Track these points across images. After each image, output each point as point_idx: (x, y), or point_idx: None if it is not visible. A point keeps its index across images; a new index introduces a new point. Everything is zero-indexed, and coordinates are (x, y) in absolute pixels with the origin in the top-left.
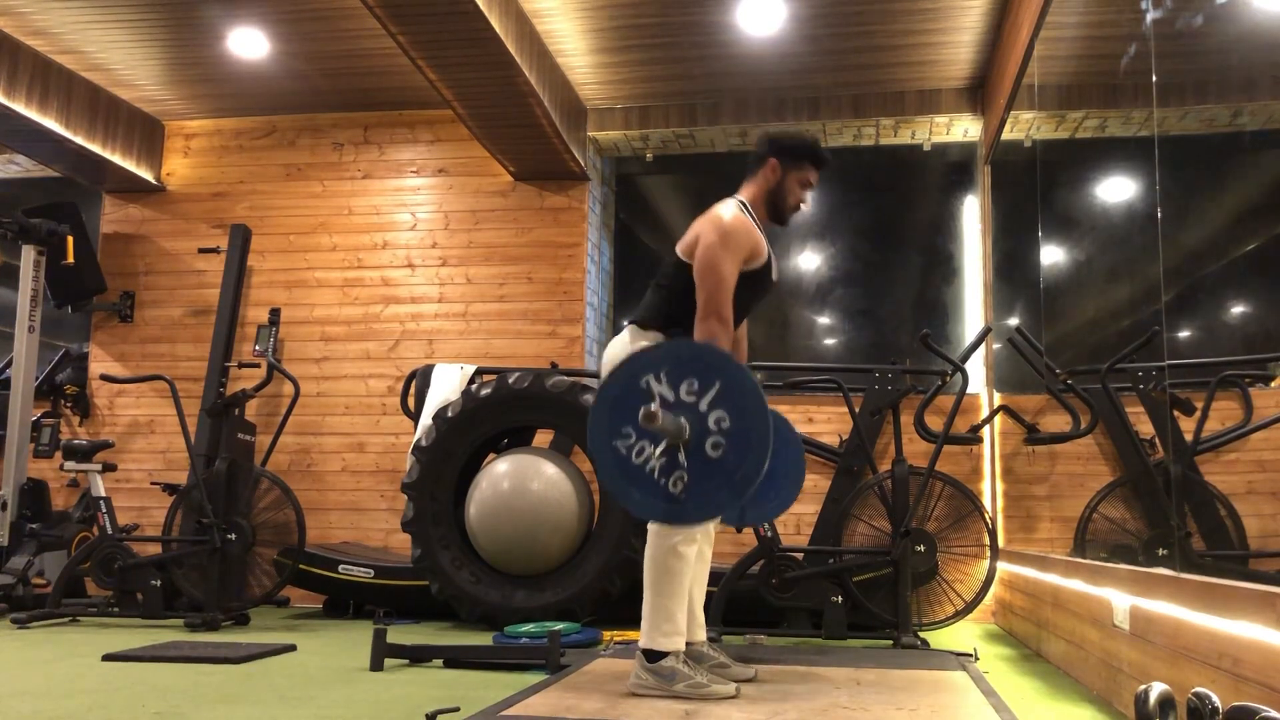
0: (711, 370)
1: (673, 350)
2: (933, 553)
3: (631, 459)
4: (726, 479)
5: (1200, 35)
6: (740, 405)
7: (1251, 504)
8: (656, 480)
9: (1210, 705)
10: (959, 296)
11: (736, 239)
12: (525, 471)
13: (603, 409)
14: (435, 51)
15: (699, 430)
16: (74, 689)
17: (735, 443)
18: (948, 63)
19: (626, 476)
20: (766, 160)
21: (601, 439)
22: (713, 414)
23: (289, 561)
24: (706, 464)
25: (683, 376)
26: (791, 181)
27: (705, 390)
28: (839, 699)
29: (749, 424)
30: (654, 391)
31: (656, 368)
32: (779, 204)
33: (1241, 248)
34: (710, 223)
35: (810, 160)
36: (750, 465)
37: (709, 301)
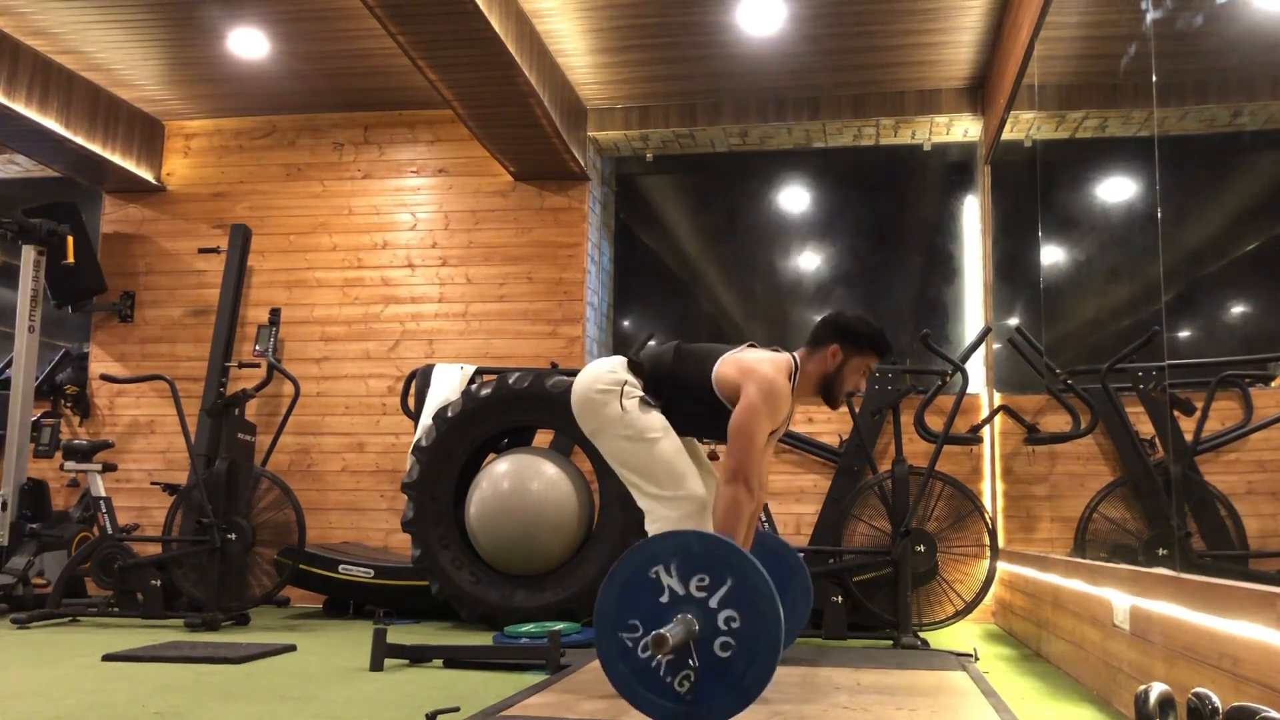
0: (723, 568)
1: (684, 542)
2: (933, 553)
3: (638, 653)
4: (736, 680)
5: (1200, 35)
6: (751, 606)
7: (1251, 504)
8: (662, 678)
9: (1210, 705)
10: (959, 296)
11: (776, 407)
12: (525, 471)
13: (610, 598)
14: (435, 51)
15: (708, 629)
16: (74, 689)
17: (744, 645)
18: (948, 63)
19: (633, 674)
20: (831, 342)
21: (608, 632)
22: (723, 613)
23: (289, 561)
24: (715, 664)
25: (693, 571)
26: (851, 369)
27: (716, 587)
28: (839, 699)
29: (759, 626)
30: (663, 583)
31: (667, 560)
32: (833, 389)
33: (1241, 248)
34: (760, 383)
35: (874, 350)
36: (758, 670)
37: (739, 467)
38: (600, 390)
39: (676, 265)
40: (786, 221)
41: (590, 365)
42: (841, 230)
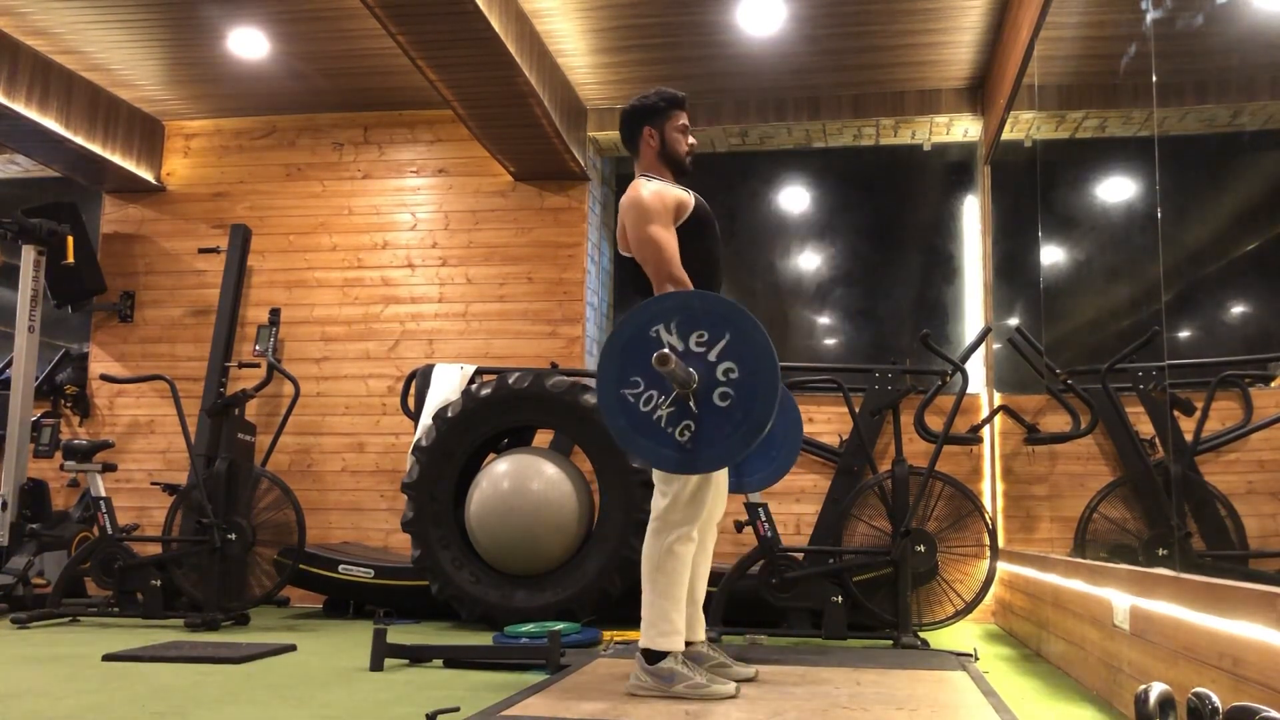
0: (722, 321)
1: (684, 300)
2: (933, 553)
3: (639, 407)
4: (734, 429)
5: (1200, 35)
6: (749, 357)
7: (1251, 504)
8: (664, 429)
9: (1210, 705)
10: (959, 296)
11: (655, 204)
12: (525, 471)
13: (611, 357)
14: (435, 51)
15: (707, 380)
16: (74, 689)
17: (743, 393)
18: (948, 63)
19: (634, 425)
20: (639, 131)
21: (610, 387)
22: (721, 365)
23: (289, 561)
24: (714, 413)
25: (693, 327)
26: (671, 134)
27: (715, 341)
28: (839, 699)
29: (757, 375)
30: (664, 340)
31: (667, 317)
32: (674, 159)
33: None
34: (626, 208)
35: (671, 106)
36: (757, 415)
37: (657, 269)
38: None
39: None
40: (786, 221)
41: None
42: (841, 230)
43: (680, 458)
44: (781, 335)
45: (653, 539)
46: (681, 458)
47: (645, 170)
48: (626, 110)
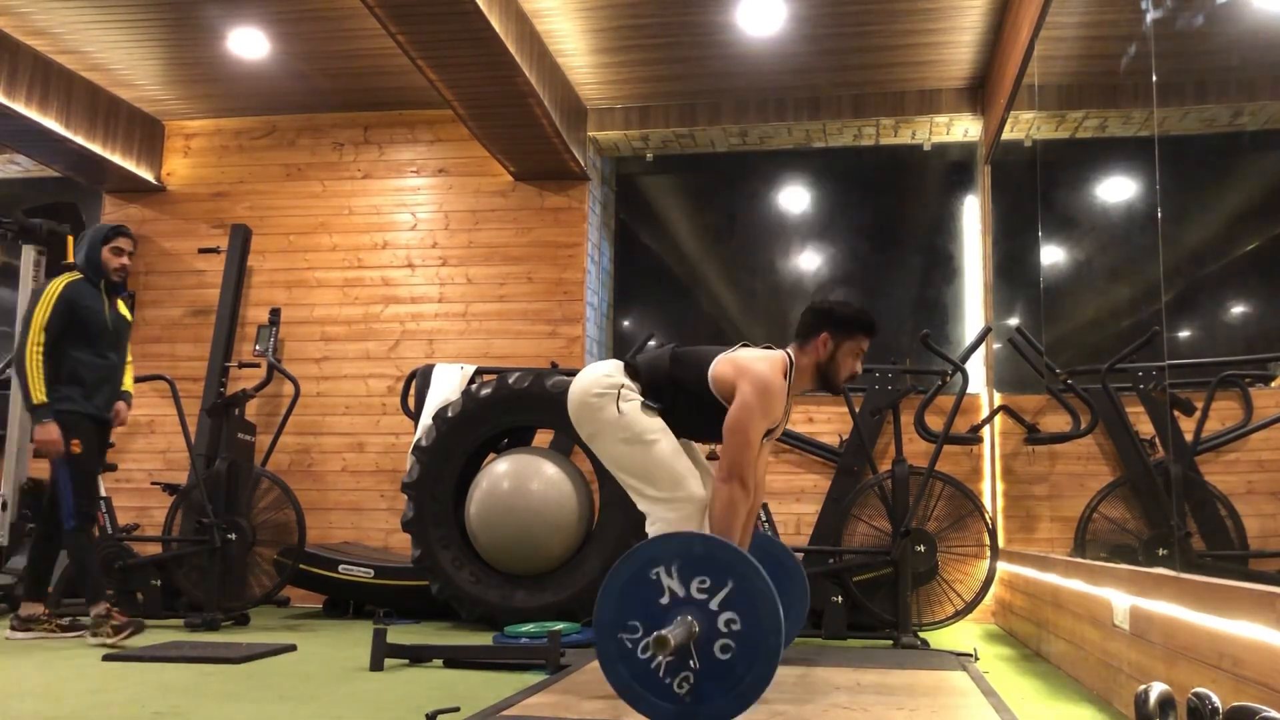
0: (724, 569)
1: (685, 544)
2: (933, 553)
3: (637, 654)
4: (735, 683)
5: (1200, 35)
6: (751, 609)
7: (1251, 504)
8: (662, 679)
9: (1210, 705)
10: (959, 296)
11: (771, 405)
12: (525, 471)
13: (610, 599)
14: (435, 51)
15: (708, 630)
16: (74, 689)
17: (744, 648)
18: (948, 63)
19: (632, 675)
20: (820, 331)
21: (608, 634)
22: (723, 615)
23: (289, 561)
24: (714, 665)
25: (694, 573)
26: (844, 354)
27: (717, 590)
28: (839, 699)
29: (760, 630)
30: (664, 584)
31: (668, 561)
32: (830, 376)
33: (1241, 248)
34: (755, 382)
35: (862, 331)
36: (758, 673)
37: (734, 465)
38: (597, 394)
39: (676, 265)
40: (786, 221)
41: (586, 369)
42: (841, 230)
43: (676, 711)
44: (782, 335)
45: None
46: (679, 711)
47: (796, 358)
48: (821, 308)
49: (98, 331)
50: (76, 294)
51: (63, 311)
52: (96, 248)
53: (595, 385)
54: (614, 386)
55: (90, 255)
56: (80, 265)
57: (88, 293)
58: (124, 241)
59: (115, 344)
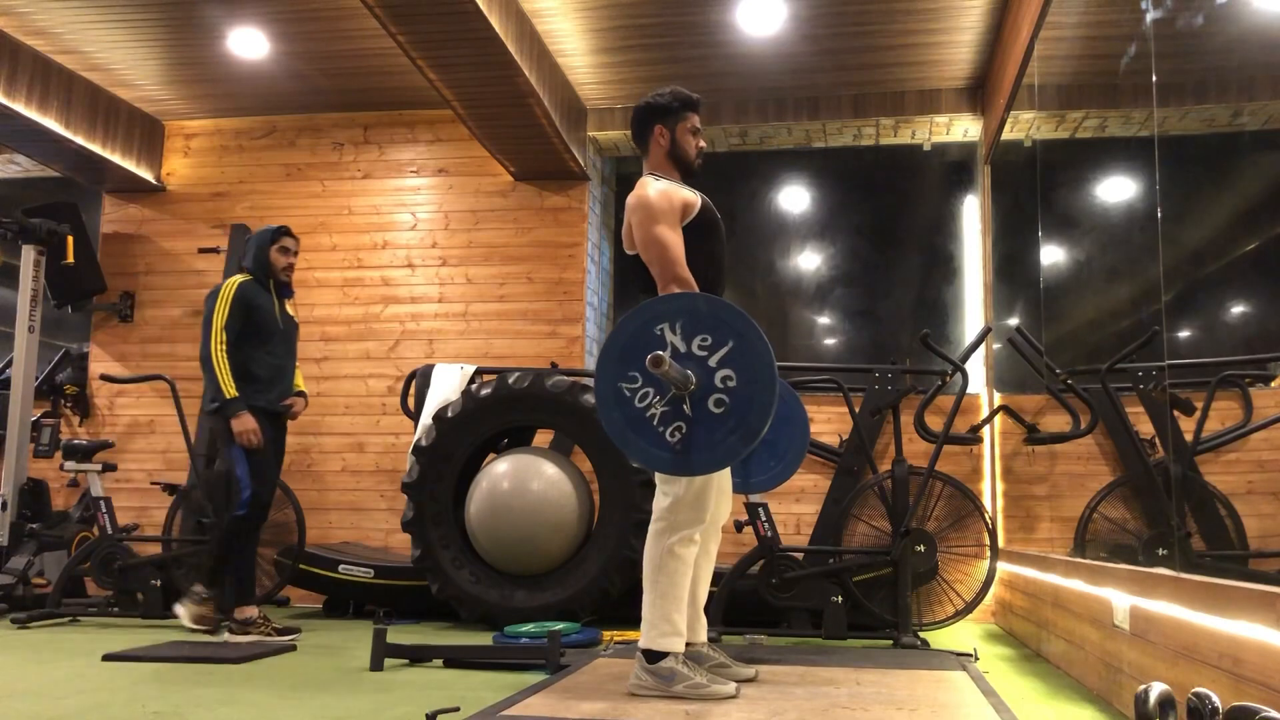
0: (726, 328)
1: (691, 302)
2: (933, 553)
3: (635, 402)
4: (726, 435)
5: (1200, 35)
6: (749, 368)
7: (1251, 504)
8: (656, 427)
9: (1210, 705)
10: (959, 296)
11: (662, 204)
12: (525, 471)
13: (613, 350)
14: (435, 51)
15: (705, 385)
16: (74, 689)
17: (738, 403)
18: (948, 63)
19: (627, 420)
20: (650, 129)
21: (608, 380)
22: (721, 371)
23: (289, 561)
24: (708, 419)
25: (697, 330)
26: (681, 135)
27: (717, 347)
28: (839, 699)
29: (755, 388)
30: (667, 340)
31: (672, 318)
32: (683, 160)
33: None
34: (633, 207)
35: (684, 107)
36: (751, 425)
37: (662, 270)
38: None
39: None
40: (786, 221)
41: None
42: (841, 230)
43: (664, 458)
44: (781, 335)
45: (654, 540)
46: (665, 458)
47: (653, 169)
48: (639, 107)
49: (270, 331)
50: (249, 294)
51: (238, 312)
52: (265, 249)
53: None
54: None
55: (259, 256)
56: (249, 266)
57: (258, 293)
58: (290, 241)
59: (285, 342)
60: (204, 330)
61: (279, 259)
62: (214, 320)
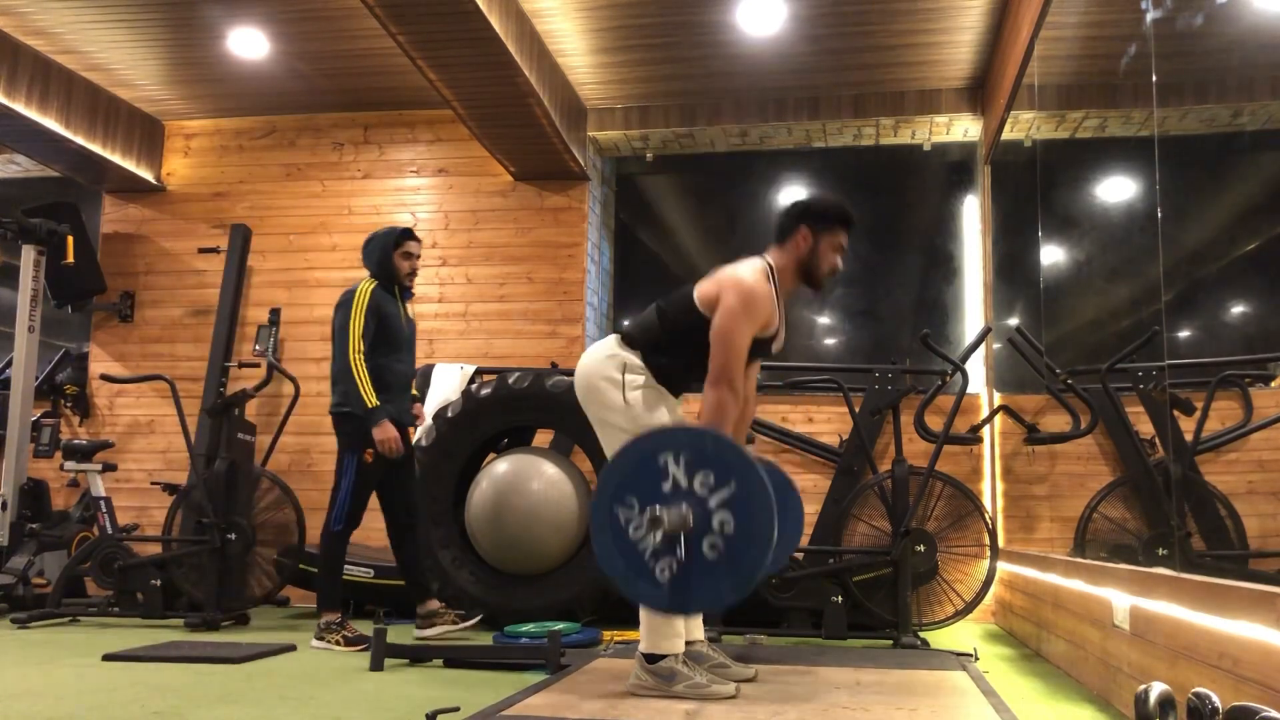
0: (730, 470)
1: (698, 438)
2: (933, 553)
3: (629, 531)
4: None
5: (1200, 35)
6: (747, 515)
7: (1251, 504)
8: (646, 561)
9: (1210, 705)
10: (959, 296)
11: (756, 308)
12: (525, 471)
13: (614, 473)
14: (435, 51)
15: (701, 526)
16: (74, 689)
17: (732, 550)
18: (948, 63)
19: (618, 548)
20: (797, 228)
21: (604, 502)
22: (719, 515)
23: (289, 561)
24: (699, 562)
25: (701, 467)
26: (824, 247)
27: (718, 488)
28: (839, 699)
29: (751, 537)
30: (669, 471)
31: (677, 449)
32: (813, 271)
33: (1241, 247)
34: (735, 287)
35: (840, 223)
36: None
37: (723, 369)
38: (605, 377)
39: (676, 265)
40: None
41: (589, 350)
42: None
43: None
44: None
45: None
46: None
47: (776, 262)
48: (798, 203)
49: (399, 338)
50: (379, 301)
51: (372, 319)
52: (389, 253)
53: (601, 369)
54: (619, 367)
55: (383, 261)
56: (374, 272)
57: (387, 299)
58: (413, 245)
59: (410, 348)
60: (339, 339)
61: (402, 264)
62: (350, 329)
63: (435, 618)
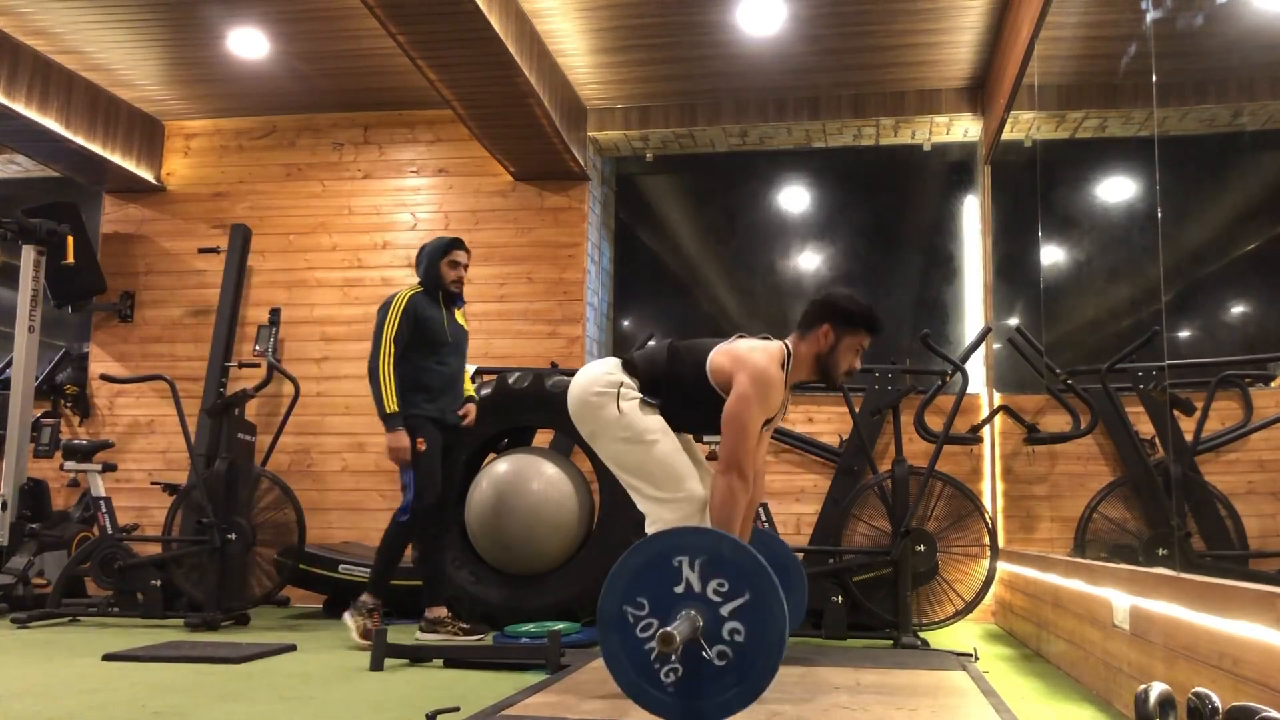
0: (745, 580)
1: (717, 543)
2: (933, 553)
3: (636, 632)
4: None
5: (1200, 35)
6: (759, 625)
7: (1251, 504)
8: (652, 663)
9: (1210, 705)
10: (959, 296)
11: (769, 396)
12: (525, 471)
13: (626, 571)
14: (435, 51)
15: (711, 633)
16: (74, 689)
17: (741, 661)
18: (948, 63)
19: (624, 646)
20: (821, 324)
21: (614, 600)
22: (730, 623)
23: (289, 561)
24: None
25: (716, 573)
26: (845, 348)
27: (733, 597)
28: (839, 699)
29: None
30: (684, 574)
31: (694, 553)
32: (829, 369)
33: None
34: (752, 372)
35: (865, 327)
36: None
37: (732, 455)
38: (597, 393)
39: (676, 265)
40: (786, 221)
41: (585, 368)
42: (841, 230)
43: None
44: (782, 335)
45: None
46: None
47: (795, 350)
48: (826, 299)
49: (440, 340)
50: (418, 306)
51: (407, 324)
52: (435, 262)
53: (595, 384)
54: (614, 385)
55: (429, 269)
56: (421, 278)
57: (428, 304)
58: (460, 254)
59: (456, 351)
60: (372, 343)
61: (448, 272)
62: (384, 332)
63: (440, 626)
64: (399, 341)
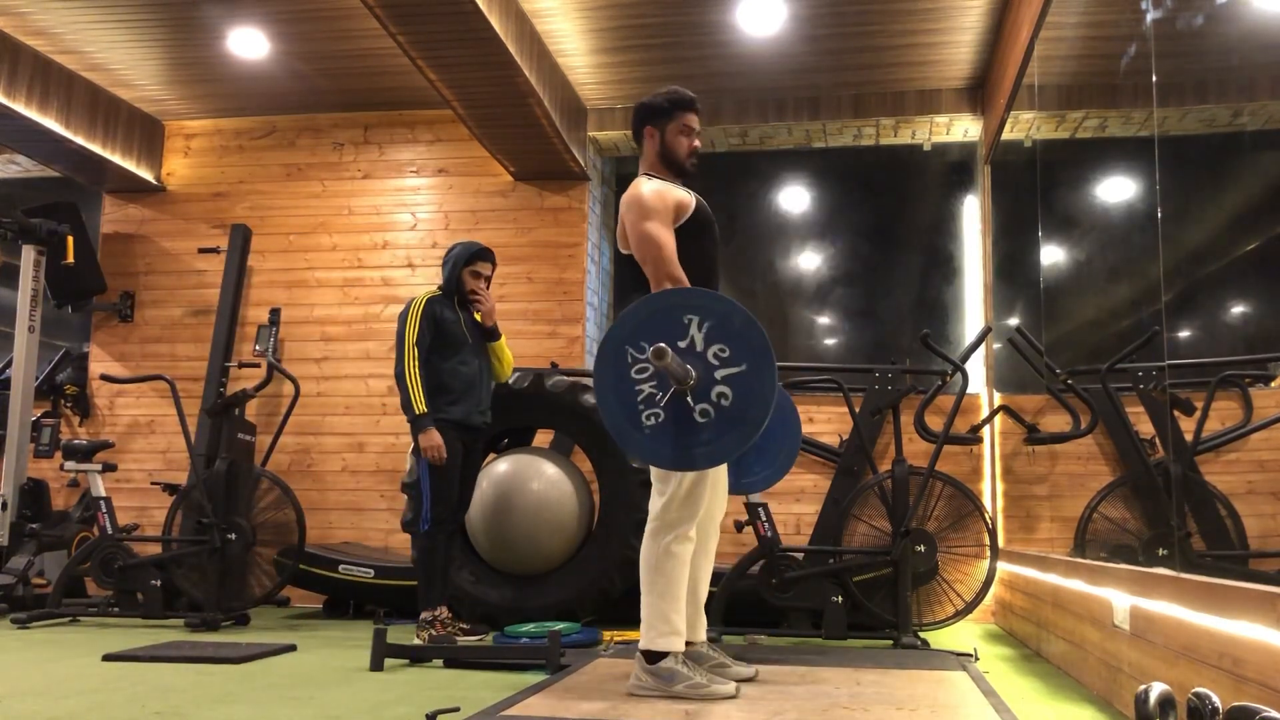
0: (747, 351)
1: (728, 310)
2: (933, 553)
3: (631, 372)
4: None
5: (1200, 35)
6: (748, 394)
7: (1251, 504)
8: (637, 403)
9: (1210, 705)
10: (959, 296)
11: (655, 203)
12: (525, 471)
13: (637, 314)
14: (435, 51)
15: (700, 392)
16: (74, 689)
17: (721, 421)
18: (948, 63)
19: (616, 382)
20: (642, 131)
21: (620, 336)
22: (719, 387)
23: (289, 561)
24: (686, 421)
25: (720, 338)
26: (671, 135)
27: (730, 364)
28: (839, 699)
29: (744, 413)
30: (690, 332)
31: (703, 314)
32: (674, 161)
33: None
34: (627, 206)
35: (676, 108)
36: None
37: (656, 269)
38: None
39: None
40: (786, 221)
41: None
42: (841, 230)
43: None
44: (781, 335)
45: (650, 540)
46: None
47: (647, 169)
48: (635, 107)
49: (459, 342)
50: (436, 308)
51: (427, 327)
52: (458, 270)
53: None
54: None
55: (451, 275)
56: (441, 282)
57: (444, 306)
58: (483, 265)
59: (476, 351)
60: (396, 348)
61: (469, 280)
62: (406, 337)
63: (433, 626)
64: (422, 345)
